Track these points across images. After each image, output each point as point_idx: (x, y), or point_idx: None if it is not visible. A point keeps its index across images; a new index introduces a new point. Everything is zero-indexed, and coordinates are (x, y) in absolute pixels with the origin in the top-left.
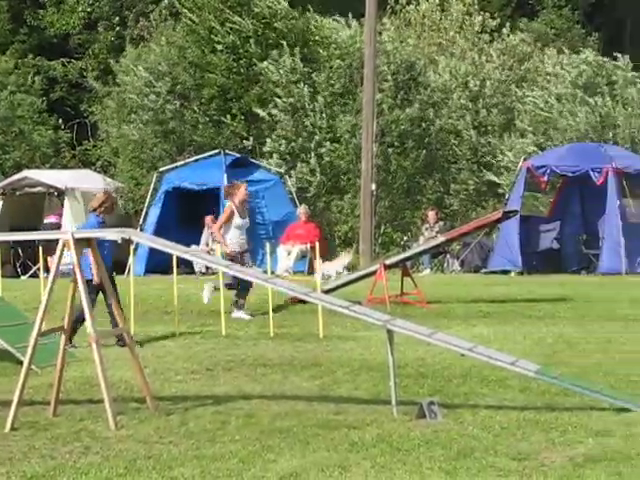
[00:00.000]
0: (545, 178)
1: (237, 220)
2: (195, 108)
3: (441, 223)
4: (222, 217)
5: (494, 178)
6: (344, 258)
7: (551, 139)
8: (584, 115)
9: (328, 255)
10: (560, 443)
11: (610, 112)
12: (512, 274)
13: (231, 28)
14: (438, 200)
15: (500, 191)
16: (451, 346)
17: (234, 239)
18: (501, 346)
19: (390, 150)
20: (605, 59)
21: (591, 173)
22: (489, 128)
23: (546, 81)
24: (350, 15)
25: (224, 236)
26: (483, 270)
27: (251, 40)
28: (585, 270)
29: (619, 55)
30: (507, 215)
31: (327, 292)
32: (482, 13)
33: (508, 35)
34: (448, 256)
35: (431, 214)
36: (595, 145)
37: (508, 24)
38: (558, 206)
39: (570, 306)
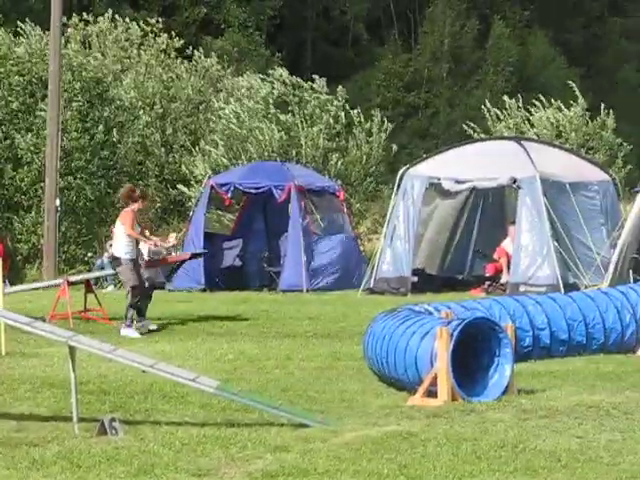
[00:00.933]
0: (228, 195)
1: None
2: None
3: None
4: (129, 221)
5: (185, 189)
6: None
7: (239, 156)
8: (271, 133)
9: (12, 273)
10: (239, 459)
11: (298, 131)
12: (195, 291)
13: None
14: None
15: (188, 205)
16: (133, 363)
17: (130, 246)
18: (183, 362)
19: (75, 168)
20: (298, 79)
21: (274, 190)
22: (174, 147)
23: (235, 99)
24: (37, 29)
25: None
26: (167, 287)
27: None
28: (267, 287)
29: (316, 77)
30: (194, 256)
31: None
32: (166, 32)
33: (193, 54)
34: None
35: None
36: (278, 163)
37: (195, 43)
38: (242, 223)
39: (251, 323)
